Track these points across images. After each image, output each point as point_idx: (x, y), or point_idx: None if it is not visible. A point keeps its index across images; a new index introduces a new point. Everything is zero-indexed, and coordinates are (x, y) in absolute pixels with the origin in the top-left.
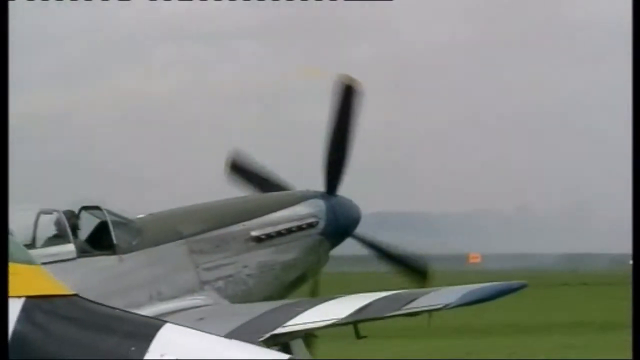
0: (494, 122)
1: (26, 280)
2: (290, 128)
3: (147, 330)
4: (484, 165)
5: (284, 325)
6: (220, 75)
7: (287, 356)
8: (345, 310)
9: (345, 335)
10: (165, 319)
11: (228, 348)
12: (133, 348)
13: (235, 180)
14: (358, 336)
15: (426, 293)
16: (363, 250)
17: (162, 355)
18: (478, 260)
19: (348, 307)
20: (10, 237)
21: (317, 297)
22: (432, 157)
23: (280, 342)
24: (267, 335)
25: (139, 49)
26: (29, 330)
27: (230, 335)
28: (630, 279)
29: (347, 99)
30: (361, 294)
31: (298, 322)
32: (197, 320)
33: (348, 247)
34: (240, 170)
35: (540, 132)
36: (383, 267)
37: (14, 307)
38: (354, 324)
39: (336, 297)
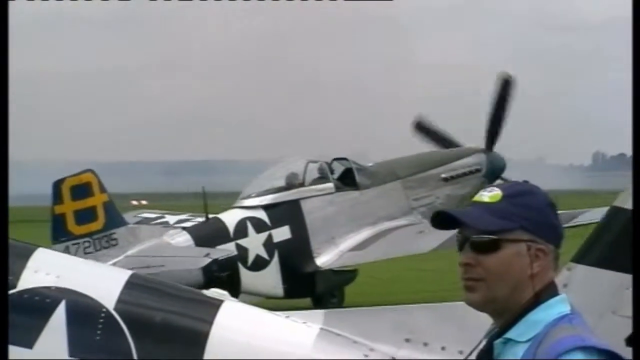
0: None
1: None
2: None
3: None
4: None
5: None
6: None
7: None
8: None
9: None
10: (391, 232)
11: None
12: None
13: (419, 137)
14: None
15: (583, 212)
16: None
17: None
18: None
19: None
20: None
21: None
22: None
23: None
24: None
25: None
26: None
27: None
28: None
29: (505, 88)
30: None
31: None
32: (418, 233)
33: None
34: (423, 129)
35: None
36: None
37: None
38: None
39: None
